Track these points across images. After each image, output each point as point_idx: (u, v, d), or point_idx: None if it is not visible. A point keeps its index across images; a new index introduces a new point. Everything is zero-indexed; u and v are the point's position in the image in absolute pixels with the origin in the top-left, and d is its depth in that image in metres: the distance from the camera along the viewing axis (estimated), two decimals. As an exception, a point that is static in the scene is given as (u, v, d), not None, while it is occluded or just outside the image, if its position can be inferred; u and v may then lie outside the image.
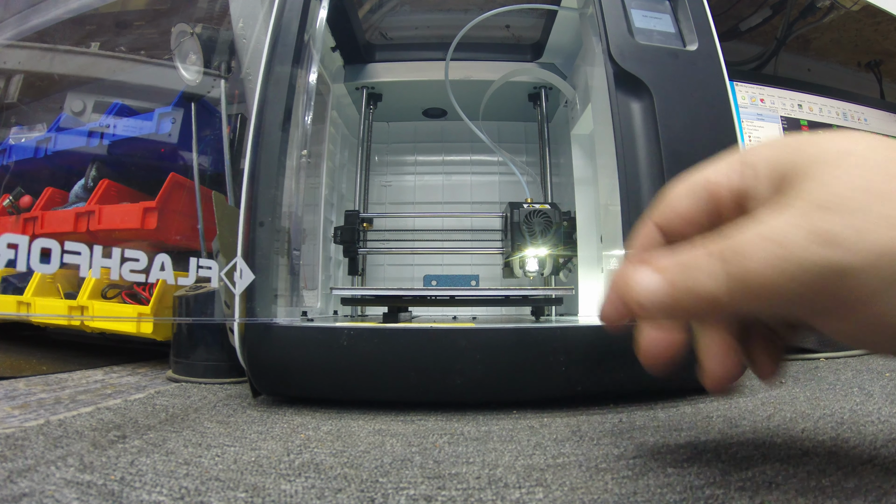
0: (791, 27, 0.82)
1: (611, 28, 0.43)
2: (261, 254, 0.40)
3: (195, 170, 0.67)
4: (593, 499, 0.22)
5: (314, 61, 0.49)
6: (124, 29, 0.89)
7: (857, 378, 0.46)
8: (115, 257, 0.32)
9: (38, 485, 0.23)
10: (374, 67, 0.66)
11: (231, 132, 0.67)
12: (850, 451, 0.27)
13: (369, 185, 0.67)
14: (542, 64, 0.66)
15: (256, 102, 0.43)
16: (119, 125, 0.73)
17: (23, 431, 0.32)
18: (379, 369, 0.38)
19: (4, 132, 0.89)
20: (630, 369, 0.39)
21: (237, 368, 0.47)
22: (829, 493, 0.22)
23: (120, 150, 0.74)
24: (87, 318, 0.60)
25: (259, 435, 0.32)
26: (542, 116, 0.67)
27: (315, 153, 0.59)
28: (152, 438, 0.31)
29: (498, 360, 0.38)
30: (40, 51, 0.89)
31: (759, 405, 0.37)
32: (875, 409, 0.34)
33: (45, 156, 0.78)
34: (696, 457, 0.27)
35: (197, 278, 0.36)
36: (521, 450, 0.29)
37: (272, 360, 0.39)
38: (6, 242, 0.28)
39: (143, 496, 0.23)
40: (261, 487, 0.24)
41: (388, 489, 0.24)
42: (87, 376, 0.53)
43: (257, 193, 0.41)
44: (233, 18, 0.67)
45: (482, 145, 0.62)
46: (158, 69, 0.78)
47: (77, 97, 0.82)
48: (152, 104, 0.74)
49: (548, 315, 0.57)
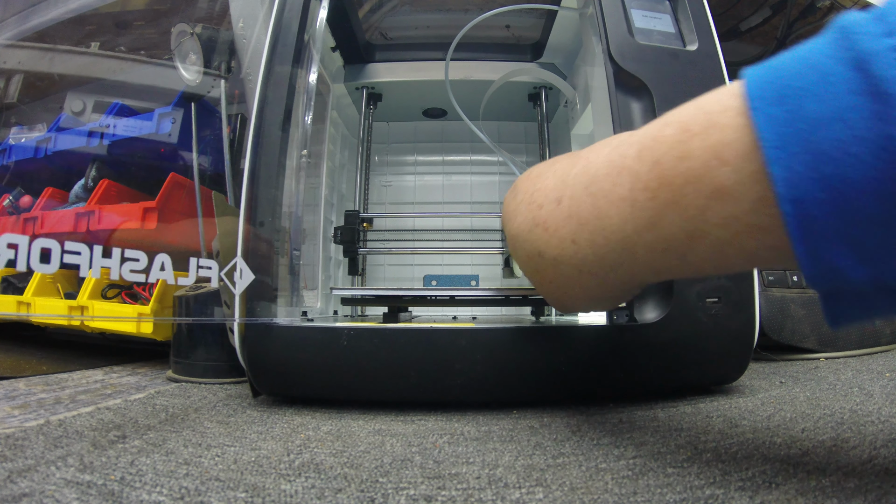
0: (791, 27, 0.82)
1: (611, 28, 0.43)
2: (261, 254, 0.40)
3: (195, 170, 0.67)
4: (593, 499, 0.22)
5: (314, 61, 0.49)
6: (124, 29, 0.89)
7: (857, 378, 0.46)
8: (115, 257, 0.32)
9: (38, 485, 0.23)
10: (374, 67, 0.65)
11: (231, 132, 0.67)
12: (850, 451, 0.27)
13: (369, 185, 0.67)
14: (542, 64, 0.66)
15: (256, 102, 0.43)
16: (119, 125, 0.73)
17: (23, 431, 0.32)
18: (379, 369, 0.38)
19: (4, 132, 0.89)
20: (630, 369, 0.39)
21: (237, 368, 0.47)
22: (829, 493, 0.22)
23: (120, 150, 0.74)
24: (87, 318, 0.60)
25: (259, 435, 0.32)
26: (542, 116, 0.67)
27: (315, 153, 0.59)
28: (152, 438, 0.31)
29: (498, 360, 0.38)
30: (40, 51, 0.89)
31: (759, 405, 0.37)
32: (875, 409, 0.34)
33: (45, 156, 0.78)
34: (696, 457, 0.27)
35: (197, 278, 0.36)
36: (521, 450, 0.29)
37: (272, 360, 0.39)
38: (6, 242, 0.28)
39: (143, 496, 0.23)
40: (261, 487, 0.24)
41: (388, 489, 0.24)
42: (87, 376, 0.53)
43: (257, 193, 0.41)
44: (233, 18, 0.67)
45: (482, 145, 0.61)
46: (158, 69, 0.78)
47: (77, 97, 0.82)
48: (152, 104, 0.74)
49: (548, 315, 0.57)
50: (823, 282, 0.18)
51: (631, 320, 0.39)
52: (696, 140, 0.19)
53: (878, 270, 0.17)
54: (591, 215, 0.23)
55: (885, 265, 0.17)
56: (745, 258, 0.20)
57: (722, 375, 0.42)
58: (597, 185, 0.23)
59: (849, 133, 0.16)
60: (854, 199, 0.16)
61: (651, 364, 0.38)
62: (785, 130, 0.17)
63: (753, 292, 0.39)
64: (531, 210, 0.27)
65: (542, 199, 0.26)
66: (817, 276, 0.18)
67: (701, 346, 0.39)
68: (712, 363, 0.40)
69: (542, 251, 0.26)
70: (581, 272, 0.25)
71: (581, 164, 0.25)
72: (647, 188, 0.21)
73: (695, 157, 0.19)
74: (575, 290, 0.26)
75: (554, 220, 0.25)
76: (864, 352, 0.60)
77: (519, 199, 0.28)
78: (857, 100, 0.15)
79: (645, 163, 0.21)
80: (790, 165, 0.16)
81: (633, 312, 0.39)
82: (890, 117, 0.15)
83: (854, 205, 0.16)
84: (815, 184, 0.16)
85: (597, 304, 0.28)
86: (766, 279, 0.61)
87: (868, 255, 0.16)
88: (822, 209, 0.16)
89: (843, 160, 0.16)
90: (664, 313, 0.38)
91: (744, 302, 0.39)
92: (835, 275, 0.17)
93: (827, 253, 0.17)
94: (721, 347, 0.39)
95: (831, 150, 0.16)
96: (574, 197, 0.24)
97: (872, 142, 0.15)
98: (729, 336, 0.39)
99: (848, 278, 0.17)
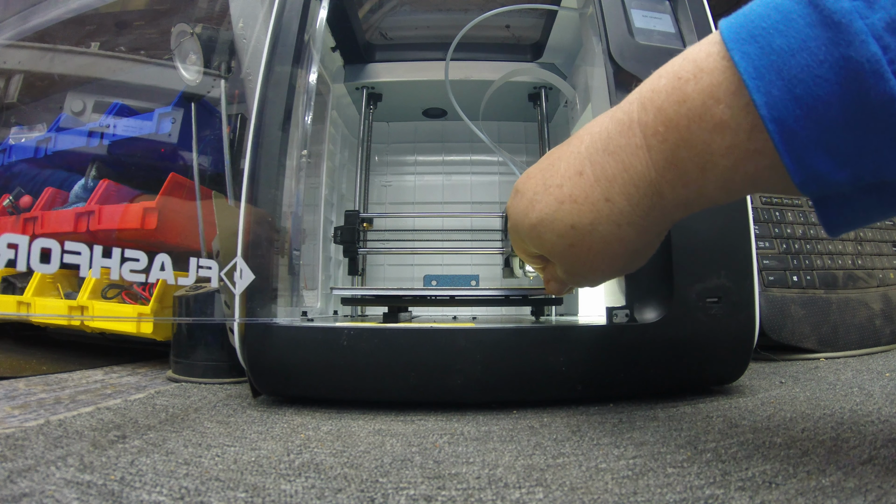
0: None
1: (611, 28, 0.43)
2: (261, 254, 0.40)
3: (195, 170, 0.67)
4: (593, 499, 0.22)
5: (314, 61, 0.49)
6: (124, 29, 0.89)
7: (857, 378, 0.46)
8: (115, 257, 0.32)
9: (38, 485, 0.23)
10: (374, 67, 0.65)
11: (231, 132, 0.67)
12: (850, 451, 0.27)
13: (369, 185, 0.67)
14: (542, 64, 0.66)
15: (256, 102, 0.43)
16: (119, 125, 0.73)
17: (23, 431, 0.32)
18: (379, 369, 0.38)
19: (4, 132, 0.89)
20: (630, 369, 0.39)
21: (237, 368, 0.47)
22: (829, 493, 0.22)
23: (120, 150, 0.74)
24: (87, 318, 0.60)
25: (259, 435, 0.32)
26: (542, 116, 0.67)
27: (315, 153, 0.59)
28: (152, 438, 0.31)
29: (498, 360, 0.38)
30: (40, 51, 0.89)
31: (759, 405, 0.37)
32: (875, 409, 0.34)
33: (45, 156, 0.78)
34: (696, 457, 0.27)
35: (197, 278, 0.36)
36: (521, 450, 0.29)
37: (272, 360, 0.39)
38: (6, 242, 0.28)
39: (143, 496, 0.23)
40: (261, 487, 0.24)
41: (388, 489, 0.24)
42: (87, 376, 0.53)
43: (257, 193, 0.41)
44: (233, 18, 0.67)
45: (482, 145, 0.61)
46: (158, 69, 0.78)
47: (77, 97, 0.82)
48: (152, 104, 0.74)
49: (548, 315, 0.57)
50: (812, 187, 0.21)
51: (631, 320, 0.39)
52: (690, 85, 0.22)
53: (855, 171, 0.20)
54: (617, 170, 0.26)
55: (859, 165, 0.19)
56: (750, 182, 0.22)
57: (722, 375, 0.42)
58: (614, 143, 0.26)
59: (812, 59, 0.19)
60: (824, 112, 0.19)
61: (651, 364, 0.39)
62: (759, 63, 0.20)
63: (753, 292, 0.39)
64: (551, 192, 0.28)
65: (559, 180, 0.28)
66: (806, 182, 0.20)
67: (701, 346, 0.39)
68: (712, 363, 0.40)
69: (575, 223, 0.27)
70: (620, 226, 0.27)
71: (588, 137, 0.28)
72: (657, 133, 0.23)
73: (692, 100, 0.22)
74: (614, 248, 0.28)
75: (581, 190, 0.27)
76: (864, 352, 0.60)
77: (530, 193, 0.30)
78: (815, 31, 0.19)
79: (650, 112, 0.24)
80: (768, 91, 0.19)
81: (633, 312, 0.39)
82: (843, 41, 0.18)
83: (825, 116, 0.19)
84: (790, 104, 0.19)
85: (633, 259, 0.29)
86: (766, 279, 0.61)
87: (844, 158, 0.19)
88: (800, 124, 0.19)
89: (811, 81, 0.19)
90: (664, 313, 0.38)
91: (744, 302, 0.39)
92: (820, 179, 0.20)
93: (810, 160, 0.20)
94: (721, 347, 0.39)
95: (800, 75, 0.19)
96: (595, 162, 0.27)
97: (832, 63, 0.18)
98: (729, 336, 0.39)
99: (831, 181, 0.20)
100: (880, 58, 0.17)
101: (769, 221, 0.65)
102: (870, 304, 0.64)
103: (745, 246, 0.39)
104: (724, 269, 0.38)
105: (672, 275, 0.38)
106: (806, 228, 0.67)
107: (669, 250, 0.38)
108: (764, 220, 0.65)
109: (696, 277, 0.38)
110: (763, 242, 0.63)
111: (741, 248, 0.39)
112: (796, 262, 0.63)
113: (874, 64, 0.18)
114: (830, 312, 0.61)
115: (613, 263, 0.29)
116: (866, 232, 0.71)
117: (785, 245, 0.64)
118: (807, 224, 0.67)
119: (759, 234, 0.64)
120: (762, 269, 0.61)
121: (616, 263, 0.29)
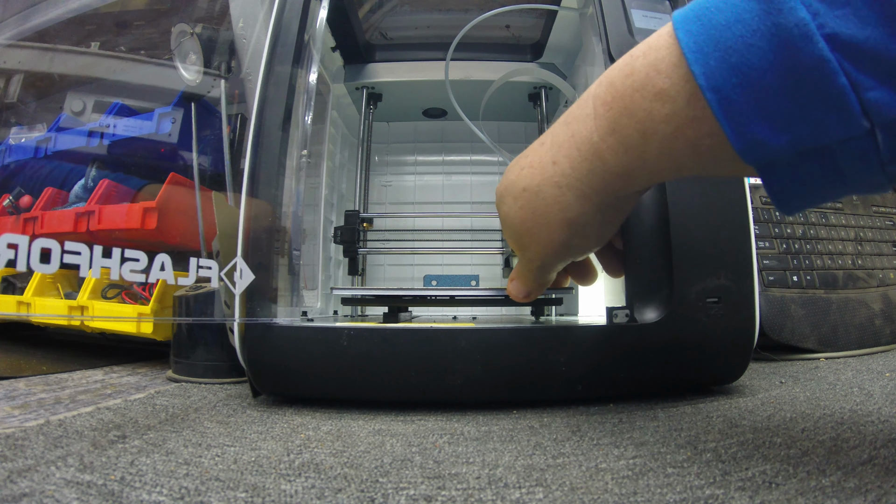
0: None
1: (611, 28, 0.43)
2: (261, 254, 0.40)
3: (195, 170, 0.67)
4: (593, 499, 0.22)
5: (314, 61, 0.49)
6: (124, 29, 0.89)
7: (857, 378, 0.46)
8: (115, 257, 0.32)
9: (38, 485, 0.23)
10: (374, 67, 0.65)
11: (231, 132, 0.67)
12: (850, 451, 0.27)
13: (369, 185, 0.67)
14: (542, 64, 0.66)
15: (256, 102, 0.43)
16: (119, 125, 0.73)
17: (23, 431, 0.32)
18: (379, 369, 0.38)
19: (4, 132, 0.89)
20: (630, 369, 0.39)
21: (237, 368, 0.47)
22: (829, 493, 0.22)
23: (120, 150, 0.74)
24: (87, 318, 0.60)
25: (259, 435, 0.32)
26: (542, 116, 0.67)
27: (315, 153, 0.59)
28: (152, 438, 0.31)
29: (498, 360, 0.38)
30: (40, 51, 0.89)
31: (759, 405, 0.37)
32: (875, 409, 0.34)
33: (45, 156, 0.78)
34: (696, 457, 0.27)
35: (197, 278, 0.36)
36: (521, 450, 0.29)
37: (272, 360, 0.39)
38: (6, 242, 0.28)
39: (143, 496, 0.23)
40: (261, 487, 0.24)
41: (388, 489, 0.24)
42: (87, 376, 0.53)
43: (257, 193, 0.41)
44: (233, 18, 0.67)
45: (482, 145, 0.61)
46: (158, 69, 0.78)
47: (77, 97, 0.82)
48: (152, 104, 0.74)
49: (548, 315, 0.57)
50: (753, 154, 0.21)
51: (631, 320, 0.39)
52: (639, 61, 0.24)
53: (794, 135, 0.20)
54: (565, 137, 0.28)
55: (797, 130, 0.20)
56: (691, 150, 0.23)
57: (722, 375, 0.42)
58: (570, 115, 0.28)
59: (747, 29, 0.20)
60: (759, 79, 0.20)
61: (651, 364, 0.39)
62: (700, 38, 0.21)
63: (753, 292, 0.39)
64: (518, 162, 0.32)
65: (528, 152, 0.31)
66: (747, 149, 0.21)
67: (701, 346, 0.39)
68: (712, 363, 0.40)
69: (526, 185, 0.30)
70: (560, 187, 0.29)
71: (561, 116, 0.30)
72: (604, 103, 0.26)
73: (638, 72, 0.24)
74: (555, 213, 0.29)
75: (538, 156, 0.30)
76: (864, 352, 0.60)
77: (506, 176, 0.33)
78: (749, 4, 0.20)
79: (602, 86, 0.26)
80: (706, 62, 0.21)
81: (634, 312, 0.39)
82: (773, 10, 0.19)
83: (761, 83, 0.20)
84: (727, 72, 0.20)
85: (574, 233, 0.30)
86: (766, 279, 0.61)
87: (781, 123, 0.20)
88: (737, 91, 0.20)
89: (746, 50, 0.20)
90: (664, 313, 0.38)
91: (744, 302, 0.39)
92: (760, 146, 0.21)
93: (749, 127, 0.21)
94: (721, 347, 0.39)
95: (736, 45, 0.20)
96: (554, 132, 0.29)
97: (764, 32, 0.19)
98: (729, 336, 0.39)
99: (770, 147, 0.21)
100: (808, 22, 0.18)
101: (769, 221, 0.65)
102: (870, 304, 0.64)
103: (745, 246, 0.39)
104: (724, 270, 0.38)
105: (672, 275, 0.38)
106: (806, 228, 0.67)
107: (669, 250, 0.38)
108: (764, 220, 0.65)
109: (696, 277, 0.38)
110: (763, 242, 0.63)
111: (741, 248, 0.39)
112: (796, 262, 0.63)
113: (802, 28, 0.19)
114: (830, 312, 0.61)
115: (552, 235, 0.30)
116: (866, 232, 0.71)
117: (785, 245, 0.64)
118: (807, 224, 0.67)
119: (759, 234, 0.64)
120: (762, 269, 0.61)
121: (555, 235, 0.30)
